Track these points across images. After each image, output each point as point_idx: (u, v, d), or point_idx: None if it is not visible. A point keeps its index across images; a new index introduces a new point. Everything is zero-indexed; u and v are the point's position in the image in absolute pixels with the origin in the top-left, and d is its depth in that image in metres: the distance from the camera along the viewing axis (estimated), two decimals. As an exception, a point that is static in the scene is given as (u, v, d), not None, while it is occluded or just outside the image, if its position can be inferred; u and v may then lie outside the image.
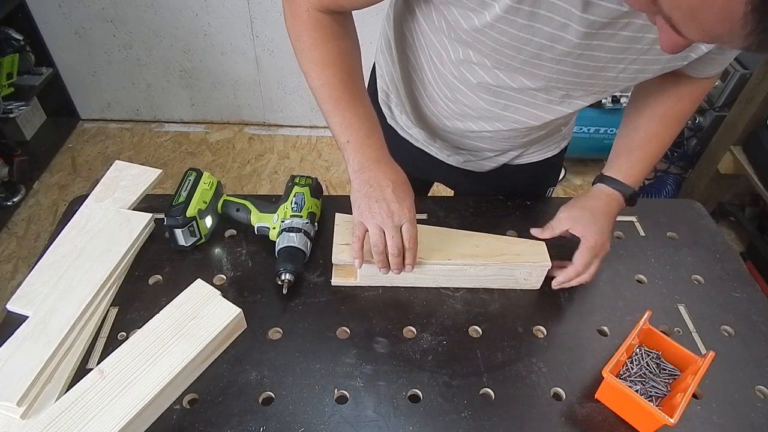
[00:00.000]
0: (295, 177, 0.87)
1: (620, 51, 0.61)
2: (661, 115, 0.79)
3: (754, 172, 1.89)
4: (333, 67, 0.70)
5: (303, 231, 0.80)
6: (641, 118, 0.80)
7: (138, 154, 2.43)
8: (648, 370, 0.69)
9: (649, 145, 0.80)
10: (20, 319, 0.69)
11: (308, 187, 0.86)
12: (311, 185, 0.87)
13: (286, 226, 0.80)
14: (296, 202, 0.83)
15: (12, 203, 2.10)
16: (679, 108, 0.79)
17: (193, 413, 0.64)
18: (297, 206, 0.83)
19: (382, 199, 0.69)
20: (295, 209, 0.82)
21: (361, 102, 0.72)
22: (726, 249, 0.91)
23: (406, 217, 0.70)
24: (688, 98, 0.78)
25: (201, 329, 0.68)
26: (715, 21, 0.36)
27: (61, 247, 0.79)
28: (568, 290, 0.81)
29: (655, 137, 0.80)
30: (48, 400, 0.63)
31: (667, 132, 0.80)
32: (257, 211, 0.83)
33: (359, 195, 0.70)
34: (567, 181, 2.46)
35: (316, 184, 0.88)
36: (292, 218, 0.81)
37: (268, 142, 2.54)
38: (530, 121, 0.76)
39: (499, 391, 0.68)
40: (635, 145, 0.80)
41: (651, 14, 0.44)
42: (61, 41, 2.32)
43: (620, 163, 0.81)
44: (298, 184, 0.86)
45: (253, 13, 2.23)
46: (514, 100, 0.73)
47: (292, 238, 0.79)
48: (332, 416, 0.64)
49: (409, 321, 0.76)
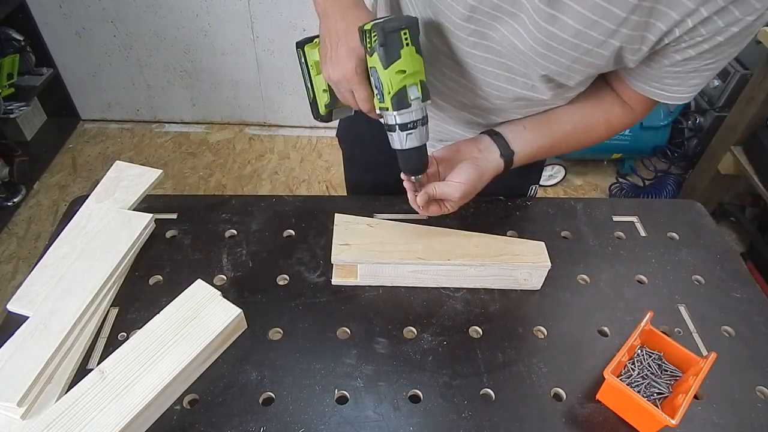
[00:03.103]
0: (361, 26, 0.60)
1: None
2: (581, 117, 0.77)
3: (754, 173, 1.89)
4: None
5: (398, 125, 0.63)
6: (566, 113, 0.78)
7: (138, 155, 2.44)
8: (649, 371, 0.69)
9: (559, 141, 0.78)
10: (20, 320, 0.69)
11: (376, 52, 0.59)
12: (378, 43, 0.58)
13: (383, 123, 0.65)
14: (376, 85, 0.62)
15: (12, 203, 2.10)
16: (596, 121, 0.77)
17: (193, 413, 0.64)
18: (378, 92, 0.62)
19: (331, 58, 0.63)
20: (378, 97, 0.63)
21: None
22: (726, 249, 0.91)
23: (348, 81, 0.63)
24: (611, 119, 0.76)
25: (201, 330, 0.68)
26: None
27: (61, 248, 0.79)
28: (568, 290, 0.81)
29: (565, 138, 0.78)
30: (48, 400, 0.63)
31: (574, 138, 0.78)
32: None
33: (320, 44, 0.66)
34: (567, 181, 2.46)
35: (391, 25, 0.58)
36: (381, 112, 0.64)
37: (268, 143, 2.55)
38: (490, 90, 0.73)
39: (499, 391, 0.68)
40: (553, 135, 0.78)
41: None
42: (61, 42, 2.32)
43: (530, 140, 0.77)
44: (367, 48, 0.60)
45: (253, 14, 2.24)
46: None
47: (393, 138, 0.65)
48: (332, 416, 0.64)
49: (410, 321, 0.76)
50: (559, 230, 0.91)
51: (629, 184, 2.40)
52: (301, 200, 0.93)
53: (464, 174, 0.72)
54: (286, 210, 0.91)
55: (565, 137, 0.78)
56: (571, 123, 0.77)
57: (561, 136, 0.78)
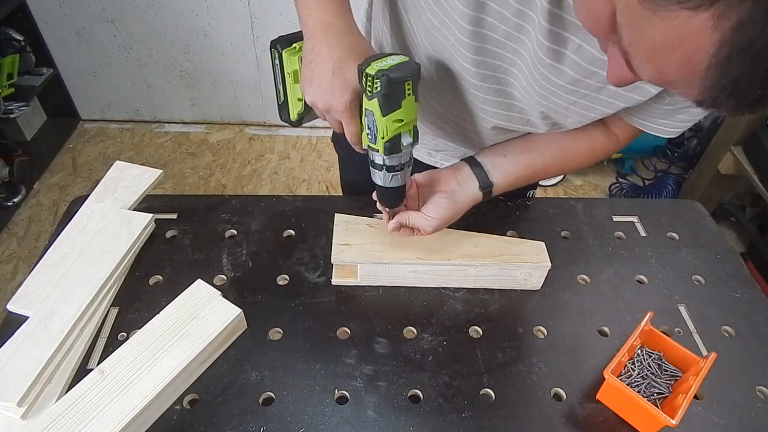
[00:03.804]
0: (361, 64, 0.57)
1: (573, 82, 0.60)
2: (562, 147, 0.77)
3: (754, 173, 1.89)
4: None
5: (385, 167, 0.64)
6: (551, 141, 0.77)
7: (138, 155, 2.44)
8: (649, 371, 0.69)
9: (539, 171, 0.78)
10: (20, 320, 0.69)
11: (376, 98, 0.57)
12: (381, 92, 0.56)
13: (370, 160, 0.65)
14: (368, 125, 0.61)
15: (12, 203, 2.10)
16: (579, 150, 0.77)
17: (193, 413, 0.64)
18: (370, 132, 0.61)
19: (318, 85, 0.60)
20: (369, 137, 0.61)
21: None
22: (726, 249, 0.91)
23: (339, 114, 0.61)
24: (594, 147, 0.76)
25: (201, 330, 0.68)
26: (675, 66, 0.35)
27: (61, 248, 0.79)
28: (568, 290, 0.81)
29: (547, 167, 0.78)
30: (48, 400, 0.63)
31: (556, 166, 0.78)
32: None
33: (304, 65, 0.62)
34: (567, 181, 2.46)
35: (396, 76, 0.55)
36: (368, 149, 0.64)
37: (268, 143, 2.55)
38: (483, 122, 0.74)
39: (499, 391, 0.68)
40: (534, 164, 0.77)
41: (605, 41, 0.42)
42: (61, 42, 2.32)
43: (511, 170, 0.76)
44: (367, 91, 0.57)
45: (253, 14, 2.24)
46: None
47: (376, 175, 0.66)
48: (332, 416, 0.64)
49: (410, 321, 0.76)
50: (559, 230, 0.91)
51: (629, 184, 2.40)
52: (301, 200, 0.93)
53: (440, 210, 0.72)
54: (286, 210, 0.91)
55: (546, 166, 0.78)
56: (554, 152, 0.77)
57: (542, 165, 0.78)
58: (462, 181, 0.75)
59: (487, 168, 0.76)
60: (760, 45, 0.30)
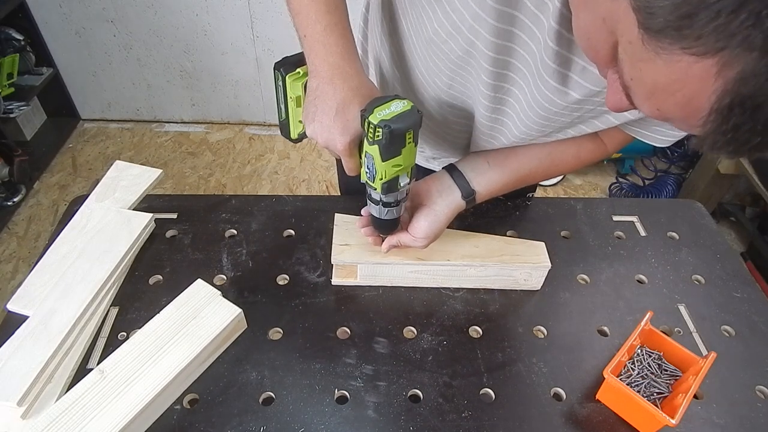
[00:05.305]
0: (364, 110, 0.57)
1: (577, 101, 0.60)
2: (548, 153, 0.76)
3: (754, 172, 1.89)
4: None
5: (381, 203, 0.66)
6: (536, 146, 0.76)
7: (138, 154, 2.44)
8: (649, 370, 0.69)
9: (524, 177, 0.77)
10: (20, 319, 0.69)
11: (377, 145, 0.57)
12: (382, 141, 0.56)
13: (368, 193, 0.68)
14: (368, 166, 0.62)
15: (12, 203, 2.10)
16: (566, 157, 0.76)
17: (193, 413, 0.64)
18: (369, 172, 0.62)
19: (320, 122, 0.61)
20: (368, 175, 0.63)
21: (332, 2, 0.62)
22: (726, 249, 0.91)
23: (338, 153, 0.62)
24: (581, 154, 0.75)
25: (201, 329, 0.68)
26: (676, 107, 0.34)
27: (61, 247, 0.79)
28: (568, 290, 0.81)
29: (532, 173, 0.77)
30: (48, 400, 0.64)
31: (541, 173, 0.78)
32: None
33: (308, 100, 0.63)
34: (567, 181, 2.46)
35: (398, 127, 0.56)
36: (366, 185, 0.66)
37: (268, 142, 2.54)
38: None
39: (499, 391, 0.68)
40: (519, 171, 0.76)
41: (605, 69, 0.42)
42: (61, 41, 2.32)
43: (495, 178, 0.76)
44: (368, 137, 0.57)
45: (253, 13, 2.23)
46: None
47: (372, 207, 0.69)
48: (332, 416, 0.64)
49: (410, 321, 0.76)
50: (559, 230, 0.91)
51: (629, 183, 2.40)
52: (301, 200, 0.93)
53: (423, 229, 0.72)
54: (286, 210, 0.91)
55: (531, 172, 0.77)
56: (539, 159, 0.76)
57: (527, 172, 0.77)
58: (442, 191, 0.74)
59: (468, 176, 0.75)
60: (762, 97, 0.30)
